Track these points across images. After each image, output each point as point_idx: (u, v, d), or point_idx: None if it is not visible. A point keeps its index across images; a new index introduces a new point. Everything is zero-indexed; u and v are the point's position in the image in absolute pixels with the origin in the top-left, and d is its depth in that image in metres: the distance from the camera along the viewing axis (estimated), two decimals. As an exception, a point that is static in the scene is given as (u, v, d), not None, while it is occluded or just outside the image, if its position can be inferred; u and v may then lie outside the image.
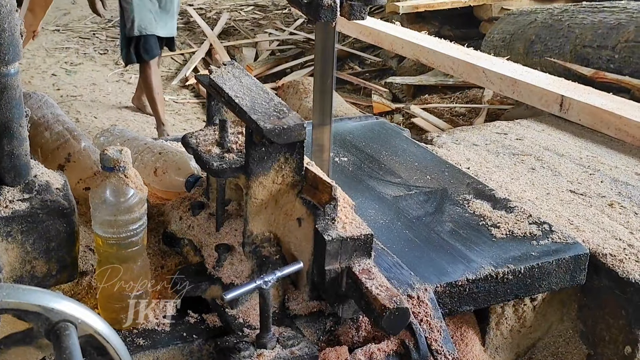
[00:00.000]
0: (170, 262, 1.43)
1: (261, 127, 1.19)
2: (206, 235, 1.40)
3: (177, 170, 1.60)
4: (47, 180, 1.21)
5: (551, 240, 1.55)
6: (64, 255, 1.20)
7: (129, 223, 1.17)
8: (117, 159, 1.15)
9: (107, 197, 1.16)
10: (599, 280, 1.58)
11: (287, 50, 6.57)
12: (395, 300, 1.14)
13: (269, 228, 1.31)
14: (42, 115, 1.58)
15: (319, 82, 1.52)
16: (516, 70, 2.96)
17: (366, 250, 1.23)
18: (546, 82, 2.75)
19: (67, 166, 1.51)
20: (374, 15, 6.67)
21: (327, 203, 1.22)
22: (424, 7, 5.38)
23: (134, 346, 1.20)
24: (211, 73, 1.40)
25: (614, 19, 3.49)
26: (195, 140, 1.36)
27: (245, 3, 8.06)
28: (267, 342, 1.16)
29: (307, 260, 1.26)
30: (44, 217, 1.17)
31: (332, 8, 1.35)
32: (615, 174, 2.06)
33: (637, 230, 1.72)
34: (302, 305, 1.29)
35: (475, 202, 1.70)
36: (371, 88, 5.67)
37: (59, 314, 0.82)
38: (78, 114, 5.29)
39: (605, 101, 2.49)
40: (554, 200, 1.87)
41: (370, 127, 2.19)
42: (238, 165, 1.28)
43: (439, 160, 1.97)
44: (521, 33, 4.11)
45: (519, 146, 2.26)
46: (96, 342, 0.86)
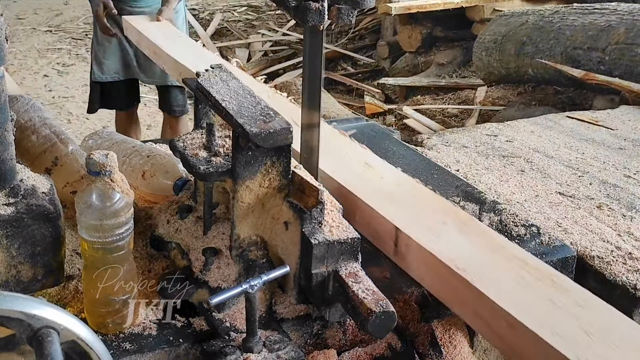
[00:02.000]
0: (157, 265, 1.42)
1: (247, 131, 1.19)
2: (194, 238, 1.40)
3: (165, 174, 1.60)
4: (33, 184, 1.21)
5: (539, 242, 1.56)
6: (49, 259, 1.20)
7: (115, 227, 1.17)
8: (103, 163, 1.15)
9: (93, 201, 1.16)
10: (587, 283, 1.59)
11: (280, 51, 6.57)
12: (382, 304, 1.14)
13: (256, 232, 1.31)
14: (28, 118, 1.57)
15: (308, 84, 1.52)
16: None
17: (353, 254, 1.23)
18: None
19: (54, 170, 1.50)
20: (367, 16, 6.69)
21: (314, 207, 1.22)
22: (417, 8, 5.40)
23: (120, 350, 1.19)
24: (199, 76, 1.40)
25: (604, 21, 3.51)
26: (182, 143, 1.36)
27: (238, 4, 8.06)
28: (253, 346, 1.16)
29: (294, 264, 1.26)
30: (29, 222, 1.16)
31: (319, 11, 1.35)
32: (604, 175, 2.07)
33: (624, 232, 1.73)
34: (290, 308, 1.29)
35: (464, 204, 1.70)
36: (364, 89, 5.67)
37: (41, 320, 0.81)
38: (70, 115, 5.28)
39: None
40: (542, 202, 1.87)
41: (361, 130, 2.19)
42: (225, 169, 1.27)
43: (429, 163, 1.97)
44: (512, 34, 4.12)
45: (508, 148, 2.27)
46: (79, 348, 0.85)
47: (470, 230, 1.41)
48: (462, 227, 1.41)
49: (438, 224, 1.42)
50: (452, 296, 1.29)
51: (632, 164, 2.18)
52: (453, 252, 1.31)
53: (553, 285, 1.24)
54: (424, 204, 1.52)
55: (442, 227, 1.41)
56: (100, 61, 3.36)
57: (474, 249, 1.34)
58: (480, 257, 1.31)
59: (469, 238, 1.38)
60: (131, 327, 1.24)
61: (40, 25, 7.26)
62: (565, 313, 1.17)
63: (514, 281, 1.24)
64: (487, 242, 1.37)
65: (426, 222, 1.42)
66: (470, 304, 1.24)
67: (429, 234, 1.38)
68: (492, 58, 4.31)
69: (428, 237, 1.37)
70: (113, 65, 3.38)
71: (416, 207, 1.50)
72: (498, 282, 1.23)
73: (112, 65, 3.37)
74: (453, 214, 1.47)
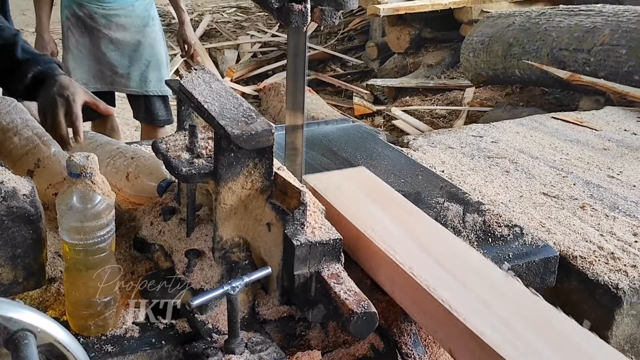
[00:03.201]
0: (140, 267, 1.42)
1: (229, 132, 1.19)
2: (177, 240, 1.40)
3: (149, 175, 1.59)
4: (13, 186, 1.20)
5: (522, 243, 1.57)
6: (30, 262, 1.19)
7: (96, 229, 1.17)
8: (84, 165, 1.15)
9: (73, 203, 1.15)
10: (569, 282, 1.60)
11: (269, 53, 6.57)
12: (363, 305, 1.14)
13: (239, 233, 1.31)
14: (10, 120, 1.57)
15: (292, 85, 1.53)
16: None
17: (335, 255, 1.24)
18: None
19: (36, 171, 1.49)
20: (356, 17, 6.70)
21: (296, 208, 1.22)
22: (405, 9, 5.41)
23: (101, 353, 1.19)
24: (181, 78, 1.40)
25: (589, 23, 3.53)
26: (165, 145, 1.36)
27: (227, 5, 8.05)
28: (235, 348, 1.16)
29: (276, 265, 1.26)
30: (9, 224, 1.16)
31: (302, 13, 1.36)
32: (588, 176, 2.09)
33: (607, 232, 1.74)
34: (272, 310, 1.29)
35: (448, 205, 1.71)
36: (352, 90, 5.68)
37: (18, 323, 0.81)
38: (57, 117, 5.24)
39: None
40: (526, 202, 1.88)
41: (346, 131, 2.20)
42: (207, 171, 1.27)
43: (414, 164, 1.98)
44: (500, 36, 4.14)
45: (494, 149, 2.28)
46: (57, 351, 0.85)
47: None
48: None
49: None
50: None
51: (615, 164, 2.20)
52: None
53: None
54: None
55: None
56: (68, 70, 3.27)
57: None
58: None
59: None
60: (113, 330, 1.24)
61: (28, 27, 7.21)
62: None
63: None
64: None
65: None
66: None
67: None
68: (479, 59, 4.33)
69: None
70: (81, 74, 3.31)
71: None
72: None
73: (81, 75, 3.30)
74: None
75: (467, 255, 1.37)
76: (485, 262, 1.35)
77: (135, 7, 3.34)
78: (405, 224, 1.46)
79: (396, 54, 6.05)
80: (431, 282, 1.24)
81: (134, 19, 3.34)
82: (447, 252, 1.36)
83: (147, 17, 3.40)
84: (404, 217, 1.50)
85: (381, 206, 1.54)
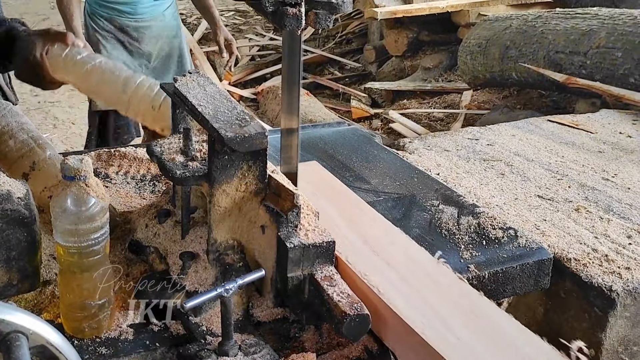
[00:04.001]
0: (135, 270, 1.43)
1: (222, 135, 1.20)
2: (172, 242, 1.40)
3: None
4: (8, 189, 1.21)
5: (516, 245, 1.57)
6: (24, 264, 1.20)
7: (90, 232, 1.17)
8: (78, 168, 1.15)
9: (67, 206, 1.16)
10: (564, 285, 1.61)
11: (267, 56, 6.58)
12: (356, 307, 1.15)
13: (233, 235, 1.32)
14: (6, 123, 1.57)
15: (287, 88, 1.53)
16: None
17: (328, 258, 1.24)
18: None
19: (31, 174, 1.50)
20: (354, 20, 6.71)
21: (290, 210, 1.23)
22: (402, 12, 5.43)
23: (96, 355, 1.20)
24: (176, 81, 1.41)
25: (585, 25, 3.54)
26: (159, 148, 1.37)
27: (225, 8, 8.06)
28: (229, 350, 1.17)
29: (270, 267, 1.27)
30: (4, 227, 1.17)
31: (297, 16, 1.36)
32: (583, 178, 2.09)
33: (601, 234, 1.75)
34: (267, 312, 1.29)
35: (443, 207, 1.72)
36: (350, 93, 5.69)
37: (10, 325, 0.81)
38: (55, 120, 5.26)
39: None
40: (521, 205, 1.89)
41: (342, 134, 2.21)
42: (201, 173, 1.28)
43: (409, 167, 1.98)
44: (497, 38, 4.15)
45: (489, 152, 2.29)
46: (49, 353, 0.86)
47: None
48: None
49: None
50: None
51: (610, 167, 2.21)
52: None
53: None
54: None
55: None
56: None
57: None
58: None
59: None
60: (108, 332, 1.24)
61: (28, 29, 7.21)
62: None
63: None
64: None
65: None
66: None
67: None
68: (476, 62, 4.34)
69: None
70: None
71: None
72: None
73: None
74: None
75: (406, 246, 1.44)
76: (421, 252, 1.42)
77: (165, 16, 3.27)
78: (350, 217, 1.52)
79: (394, 57, 6.07)
80: (364, 269, 1.29)
81: (164, 29, 3.27)
82: (386, 242, 1.43)
83: (176, 27, 3.33)
84: (350, 211, 1.55)
85: (329, 200, 1.59)
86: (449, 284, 1.31)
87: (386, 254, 1.38)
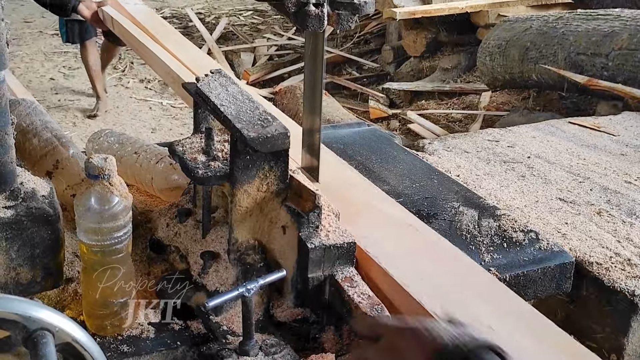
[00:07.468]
0: (156, 268, 1.44)
1: (245, 135, 1.20)
2: (192, 242, 1.41)
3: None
4: (32, 187, 1.22)
5: (537, 248, 1.56)
6: (48, 262, 1.21)
7: (113, 231, 1.18)
8: (102, 167, 1.16)
9: (91, 204, 1.17)
10: (586, 289, 1.59)
11: (285, 56, 6.58)
12: (377, 309, 1.14)
13: (254, 235, 1.32)
14: (30, 122, 1.59)
15: (309, 89, 1.53)
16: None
17: (349, 258, 1.24)
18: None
19: (55, 173, 1.51)
20: (372, 20, 6.70)
21: (311, 211, 1.23)
22: (421, 13, 5.40)
23: (117, 353, 1.20)
24: (198, 81, 1.41)
25: (607, 27, 3.50)
26: (181, 148, 1.37)
27: (244, 8, 8.08)
28: (249, 350, 1.17)
29: (291, 268, 1.27)
30: (28, 224, 1.18)
31: (319, 17, 1.36)
32: (605, 182, 2.07)
33: (624, 238, 1.73)
34: (287, 312, 1.30)
35: (463, 210, 1.71)
36: (368, 93, 5.68)
37: (37, 322, 0.82)
38: (75, 119, 5.31)
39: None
40: (542, 208, 1.87)
41: (362, 134, 2.20)
42: (223, 173, 1.28)
43: (429, 168, 1.97)
44: (516, 40, 4.12)
45: (510, 153, 2.27)
46: (74, 350, 0.86)
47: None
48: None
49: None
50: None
51: (633, 170, 2.18)
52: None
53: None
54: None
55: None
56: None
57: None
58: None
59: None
60: (129, 330, 1.25)
61: (47, 29, 7.30)
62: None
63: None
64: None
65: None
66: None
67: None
68: (496, 63, 4.31)
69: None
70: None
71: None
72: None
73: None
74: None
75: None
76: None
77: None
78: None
79: (412, 58, 6.04)
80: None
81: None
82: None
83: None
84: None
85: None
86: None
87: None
